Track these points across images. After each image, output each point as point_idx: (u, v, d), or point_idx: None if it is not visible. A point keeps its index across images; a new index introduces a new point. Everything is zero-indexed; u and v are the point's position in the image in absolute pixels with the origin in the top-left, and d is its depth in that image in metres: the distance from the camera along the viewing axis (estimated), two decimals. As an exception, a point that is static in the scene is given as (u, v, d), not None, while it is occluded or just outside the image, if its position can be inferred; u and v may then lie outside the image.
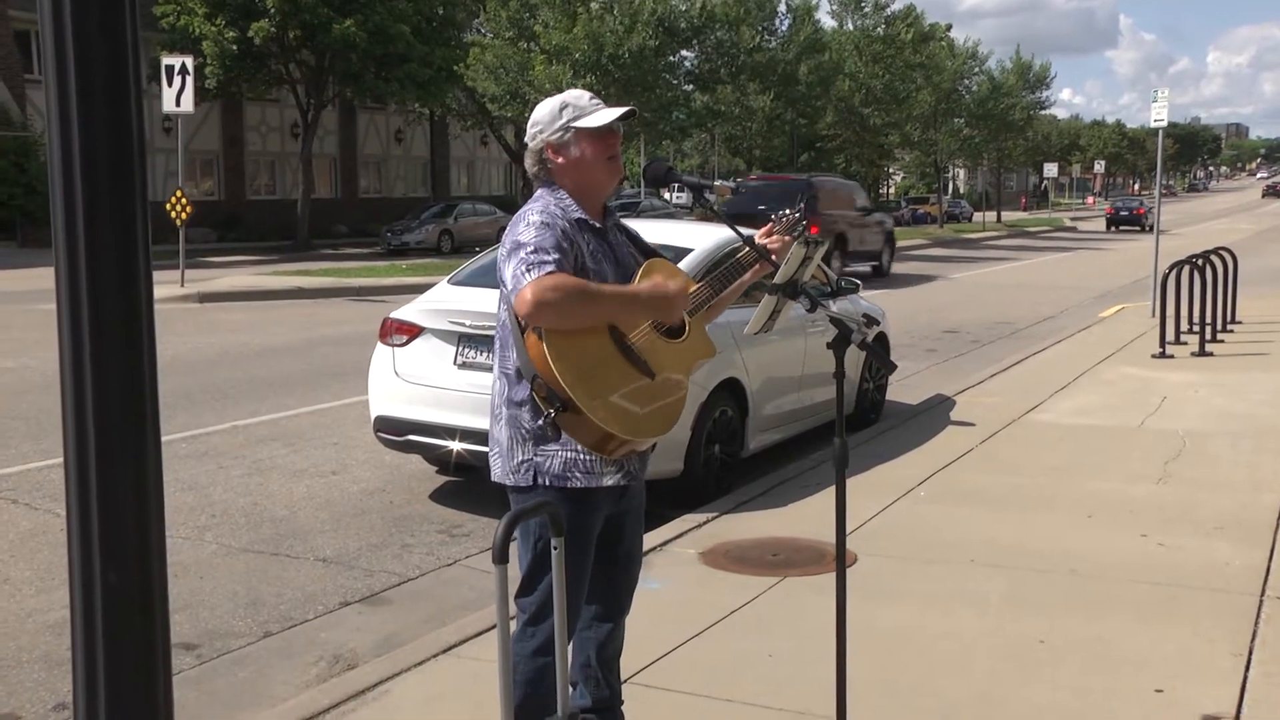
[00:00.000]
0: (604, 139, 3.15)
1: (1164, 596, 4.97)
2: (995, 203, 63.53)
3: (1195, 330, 12.73)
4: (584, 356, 2.95)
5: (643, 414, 3.03)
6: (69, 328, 1.55)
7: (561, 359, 2.90)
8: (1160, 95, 16.09)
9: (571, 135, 3.11)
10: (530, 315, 2.87)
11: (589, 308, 2.95)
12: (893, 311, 11.48)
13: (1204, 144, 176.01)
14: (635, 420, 3.00)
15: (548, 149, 3.14)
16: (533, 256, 2.91)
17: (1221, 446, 7.86)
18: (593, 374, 2.95)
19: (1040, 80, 53.56)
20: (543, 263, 2.89)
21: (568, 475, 3.06)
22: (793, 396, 7.78)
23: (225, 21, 29.51)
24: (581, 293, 2.92)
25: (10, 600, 5.19)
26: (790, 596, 4.98)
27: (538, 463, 3.07)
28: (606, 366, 2.99)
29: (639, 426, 3.01)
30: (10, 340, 13.14)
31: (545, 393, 2.94)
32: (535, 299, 2.84)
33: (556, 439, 3.04)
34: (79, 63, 1.51)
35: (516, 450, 3.10)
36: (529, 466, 3.08)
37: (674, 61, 31.25)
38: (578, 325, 2.95)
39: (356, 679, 4.16)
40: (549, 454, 3.06)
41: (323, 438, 8.48)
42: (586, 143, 3.12)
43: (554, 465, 3.06)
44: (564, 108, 3.13)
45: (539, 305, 2.84)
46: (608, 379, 2.98)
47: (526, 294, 2.85)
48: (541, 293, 2.84)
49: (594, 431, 2.95)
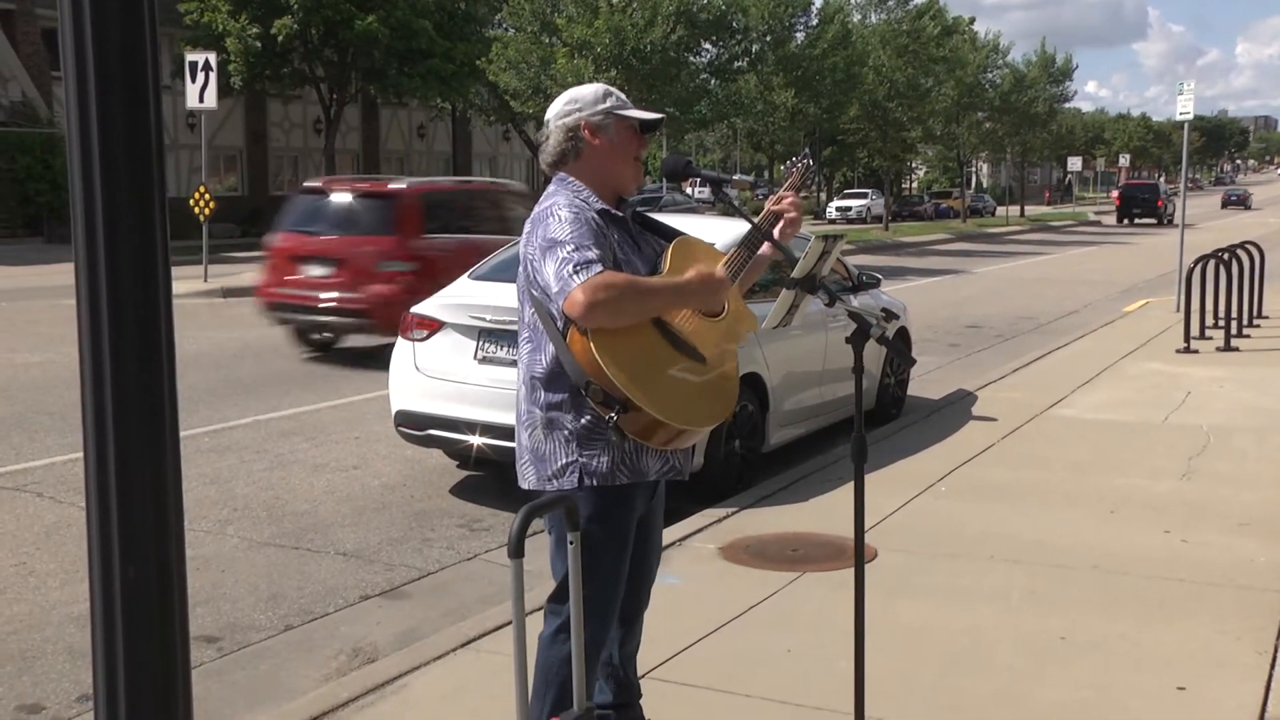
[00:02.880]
0: (637, 136, 3.15)
1: (1187, 593, 4.93)
2: (1019, 197, 63.16)
3: (1220, 325, 12.62)
4: (634, 352, 2.91)
5: (701, 400, 3.03)
6: (88, 325, 1.56)
7: (613, 359, 2.85)
8: (1186, 88, 15.94)
9: (612, 121, 3.10)
10: (583, 317, 2.81)
11: (642, 303, 2.91)
12: (915, 306, 11.44)
13: (1231, 137, 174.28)
14: (695, 409, 3.00)
15: (585, 127, 3.08)
16: (576, 255, 2.84)
17: (1247, 442, 7.80)
18: (646, 369, 2.91)
19: (1064, 73, 53.18)
20: (588, 262, 2.82)
21: (615, 473, 3.00)
22: (814, 391, 7.76)
23: (249, 18, 29.64)
24: (634, 290, 2.87)
25: (35, 593, 5.24)
26: (809, 592, 4.97)
27: (584, 463, 2.99)
28: (658, 359, 2.95)
29: (699, 414, 3.02)
30: (37, 335, 13.26)
31: (602, 397, 2.88)
32: (589, 300, 2.78)
33: (621, 445, 2.97)
34: (98, 60, 1.52)
35: (559, 453, 3.00)
36: (574, 468, 2.99)
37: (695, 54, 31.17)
38: (630, 322, 2.90)
39: (376, 672, 4.18)
40: (594, 453, 2.99)
41: (344, 432, 8.52)
42: (625, 133, 3.12)
43: (601, 465, 2.98)
44: (608, 95, 3.14)
45: (592, 306, 2.78)
46: (661, 371, 2.95)
47: (578, 296, 2.78)
48: (594, 293, 2.78)
49: (656, 427, 2.91)
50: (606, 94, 3.14)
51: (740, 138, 53.83)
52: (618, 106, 3.12)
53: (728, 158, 62.80)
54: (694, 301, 3.04)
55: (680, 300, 3.01)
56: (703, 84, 31.75)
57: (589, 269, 2.82)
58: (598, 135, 3.09)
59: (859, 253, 30.33)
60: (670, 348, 2.99)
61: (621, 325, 2.88)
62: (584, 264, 2.83)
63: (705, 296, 3.04)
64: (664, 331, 2.99)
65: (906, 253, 33.64)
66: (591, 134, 3.09)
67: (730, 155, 61.43)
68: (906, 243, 37.37)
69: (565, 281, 2.83)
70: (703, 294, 3.03)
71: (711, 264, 3.13)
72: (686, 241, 3.22)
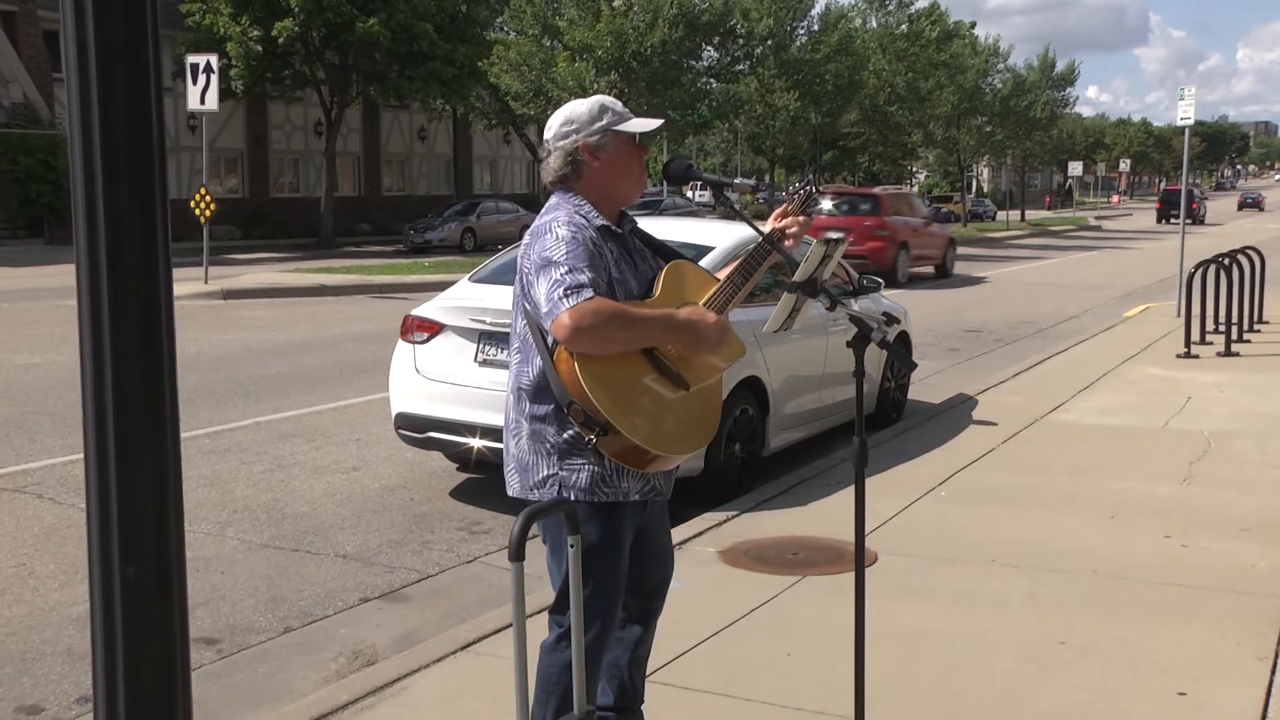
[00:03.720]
0: (637, 148, 3.13)
1: (1188, 598, 4.93)
2: (1019, 201, 63.13)
3: (1221, 330, 12.62)
4: (617, 376, 2.93)
5: (681, 428, 3.03)
6: (89, 326, 1.56)
7: (596, 382, 2.87)
8: (1187, 93, 15.95)
9: (610, 139, 3.08)
10: (568, 341, 2.83)
11: (628, 333, 2.92)
12: (915, 310, 11.43)
13: (1231, 142, 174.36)
14: (673, 436, 3.00)
15: (583, 149, 3.08)
16: (569, 279, 2.85)
17: (1247, 447, 7.80)
18: (628, 393, 2.94)
19: (1066, 79, 53.15)
20: (580, 286, 2.83)
21: (594, 489, 3.01)
22: (814, 395, 7.76)
23: (250, 21, 29.66)
24: (622, 319, 2.88)
25: (35, 594, 5.24)
26: (810, 596, 4.97)
27: (563, 477, 3.00)
28: (640, 384, 2.98)
29: (677, 442, 3.02)
30: (38, 335, 13.26)
31: (583, 418, 2.90)
32: (575, 325, 2.79)
33: (600, 463, 2.98)
34: (100, 62, 1.52)
35: (540, 465, 3.03)
36: (554, 481, 3.01)
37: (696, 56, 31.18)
38: (615, 351, 2.92)
39: (376, 675, 4.17)
40: (575, 468, 3.00)
41: (344, 434, 8.52)
42: (626, 148, 3.10)
43: (580, 480, 2.99)
44: (604, 110, 3.10)
45: (577, 332, 2.80)
46: (643, 396, 2.97)
47: (565, 320, 2.80)
48: (581, 319, 2.79)
49: (635, 451, 2.94)
50: (602, 110, 3.10)
51: (741, 141, 53.85)
52: (614, 121, 3.09)
53: (728, 161, 62.79)
54: (682, 338, 3.04)
55: (668, 336, 3.02)
56: (703, 87, 31.78)
57: (579, 293, 2.82)
58: (597, 156, 3.08)
59: (859, 257, 30.28)
60: (655, 372, 3.01)
61: (608, 352, 2.90)
62: (575, 288, 2.83)
63: (694, 337, 3.04)
64: (650, 356, 3.01)
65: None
66: (590, 155, 3.07)
67: (730, 159, 61.42)
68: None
69: (555, 304, 2.84)
70: (692, 335, 3.03)
71: (704, 293, 3.12)
72: (680, 267, 3.21)
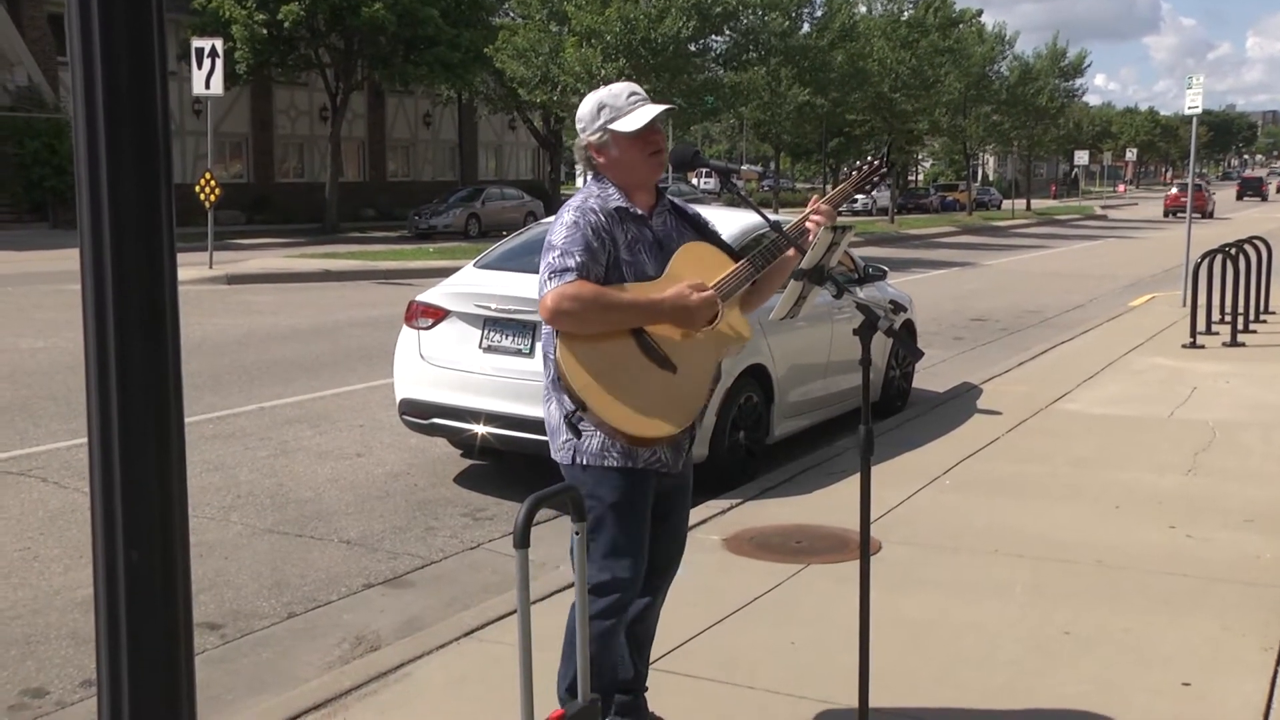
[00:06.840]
0: (643, 137, 3.17)
1: (1192, 589, 4.92)
2: (1025, 190, 63.01)
3: (1227, 320, 12.59)
4: (599, 356, 3.05)
5: (660, 409, 3.09)
6: (94, 310, 1.55)
7: (576, 361, 3.03)
8: (1195, 82, 15.87)
9: (610, 137, 3.17)
10: (550, 321, 3.05)
11: (606, 317, 3.05)
12: (920, 299, 11.42)
13: (1239, 131, 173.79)
14: (646, 419, 3.08)
15: (590, 148, 3.22)
16: (557, 262, 3.04)
17: (1253, 437, 7.78)
18: (607, 375, 3.06)
19: (1075, 69, 52.95)
20: (565, 269, 3.02)
21: (604, 454, 3.14)
22: (819, 383, 7.75)
23: (255, 4, 29.59)
24: (599, 304, 3.02)
25: (39, 578, 5.25)
26: (813, 584, 4.97)
27: (576, 443, 3.16)
28: (623, 366, 3.08)
29: (652, 425, 3.09)
30: (42, 320, 13.27)
31: (571, 393, 3.08)
32: (554, 306, 2.99)
33: (577, 437, 3.14)
34: (105, 45, 1.51)
35: (561, 430, 3.19)
36: (570, 446, 3.17)
37: (705, 46, 31.08)
38: (596, 331, 3.06)
39: (379, 661, 4.18)
40: (588, 434, 3.14)
41: (348, 420, 8.52)
42: (625, 143, 3.16)
43: (591, 445, 3.15)
44: (601, 109, 3.16)
45: (556, 314, 3.00)
46: (622, 379, 3.07)
47: (547, 301, 3.01)
48: (559, 301, 2.99)
49: (611, 431, 3.07)
50: (600, 108, 3.17)
51: (747, 129, 53.75)
52: (612, 119, 3.15)
53: (733, 148, 62.69)
54: (667, 320, 3.12)
55: (651, 318, 3.11)
56: (711, 76, 31.66)
57: (562, 276, 3.01)
58: (602, 152, 3.21)
59: (865, 245, 30.27)
60: (641, 355, 3.10)
61: (587, 334, 3.05)
62: (559, 271, 3.02)
63: (679, 316, 3.12)
64: (638, 339, 3.10)
65: (912, 245, 33.59)
66: (598, 153, 3.23)
67: (736, 146, 61.32)
68: (912, 235, 37.31)
69: (541, 285, 3.05)
70: (676, 314, 3.11)
71: (708, 277, 3.16)
72: (694, 248, 3.26)
